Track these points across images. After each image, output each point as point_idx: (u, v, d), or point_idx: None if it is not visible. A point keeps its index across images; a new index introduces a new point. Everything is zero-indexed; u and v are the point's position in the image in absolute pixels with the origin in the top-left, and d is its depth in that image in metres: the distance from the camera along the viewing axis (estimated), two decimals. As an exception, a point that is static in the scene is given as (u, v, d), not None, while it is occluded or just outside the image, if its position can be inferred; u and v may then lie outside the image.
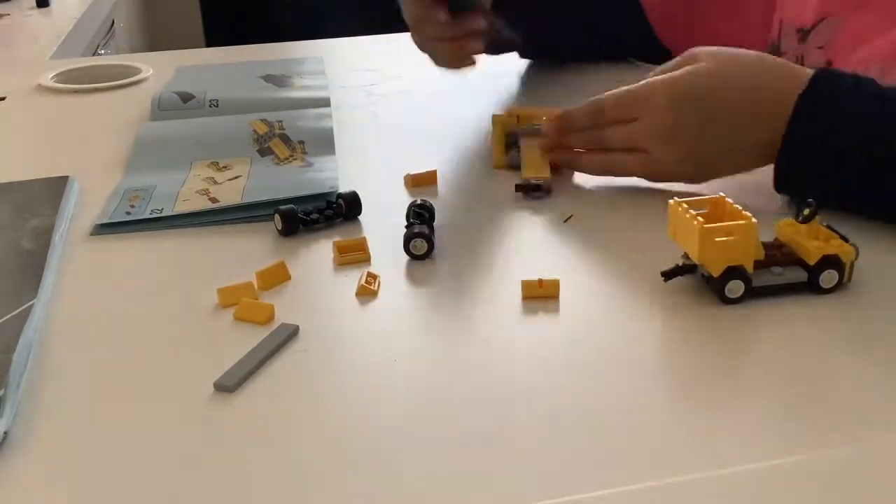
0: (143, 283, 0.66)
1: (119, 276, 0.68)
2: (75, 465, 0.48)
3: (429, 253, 0.67)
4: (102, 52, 1.89)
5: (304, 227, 0.71)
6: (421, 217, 0.69)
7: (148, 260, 0.69)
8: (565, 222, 0.71)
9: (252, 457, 0.48)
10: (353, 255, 0.67)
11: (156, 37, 2.76)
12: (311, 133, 0.89)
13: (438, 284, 0.65)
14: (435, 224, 0.70)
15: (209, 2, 2.85)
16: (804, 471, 0.46)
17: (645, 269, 0.63)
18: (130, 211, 0.75)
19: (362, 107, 1.01)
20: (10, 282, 0.64)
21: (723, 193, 0.62)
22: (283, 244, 0.70)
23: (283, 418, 0.51)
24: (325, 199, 0.74)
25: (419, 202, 0.71)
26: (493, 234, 0.71)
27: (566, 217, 0.72)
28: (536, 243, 0.70)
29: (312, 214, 0.72)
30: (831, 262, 0.59)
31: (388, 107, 1.01)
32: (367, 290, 0.62)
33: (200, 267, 0.68)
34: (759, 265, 0.60)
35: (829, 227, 0.61)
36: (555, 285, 0.61)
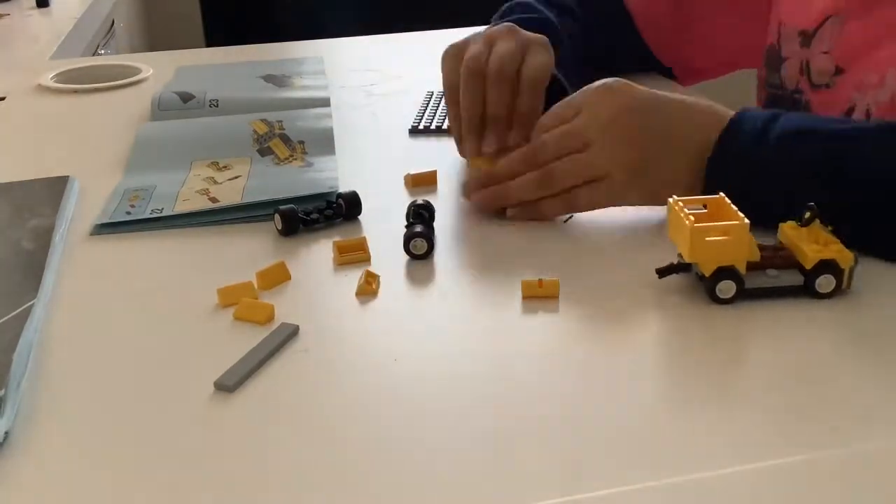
0: (143, 283, 0.66)
1: (119, 276, 0.68)
2: (75, 465, 0.48)
3: (429, 253, 0.67)
4: (102, 52, 1.89)
5: (304, 227, 0.71)
6: (421, 217, 0.69)
7: (148, 260, 0.69)
8: (565, 223, 0.71)
9: (252, 457, 0.48)
10: (353, 255, 0.67)
11: (156, 37, 2.76)
12: (311, 133, 0.89)
13: (438, 284, 0.65)
14: (435, 224, 0.70)
15: (209, 2, 2.85)
16: (803, 471, 0.46)
17: (645, 270, 0.62)
18: (130, 211, 0.75)
19: (362, 107, 1.01)
20: (10, 282, 0.64)
21: (723, 193, 0.62)
22: (283, 244, 0.70)
23: (283, 418, 0.51)
24: (325, 199, 0.74)
25: (419, 202, 0.71)
26: (493, 234, 0.71)
27: (566, 217, 0.72)
28: (536, 243, 0.70)
29: (312, 214, 0.72)
30: (828, 266, 0.58)
31: (388, 107, 1.01)
32: (367, 290, 0.62)
33: (200, 267, 0.68)
34: (754, 267, 0.59)
35: (833, 231, 0.60)
36: (555, 285, 0.61)
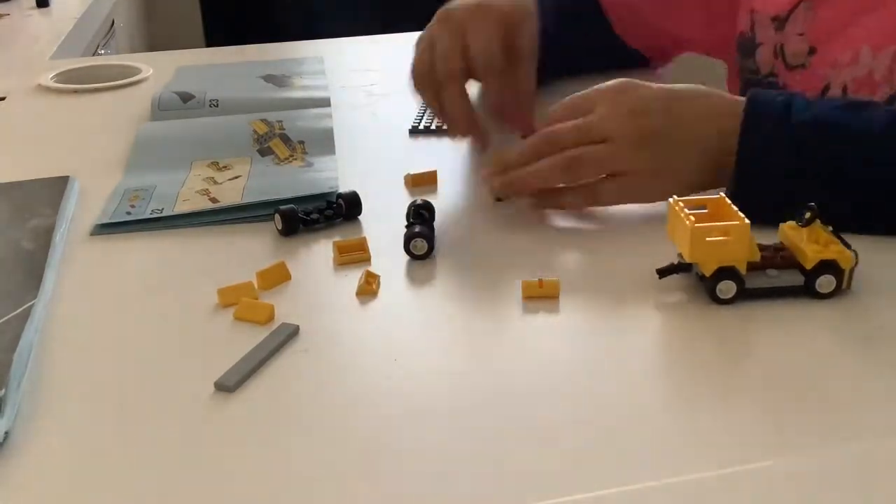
0: (143, 283, 0.66)
1: (119, 276, 0.68)
2: (75, 465, 0.48)
3: (429, 253, 0.67)
4: (102, 52, 1.89)
5: (304, 227, 0.71)
6: (421, 217, 0.69)
7: (148, 260, 0.69)
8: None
9: (252, 457, 0.48)
10: (353, 255, 0.67)
11: (156, 37, 2.76)
12: (311, 133, 0.89)
13: (438, 284, 0.65)
14: (435, 224, 0.70)
15: (209, 2, 2.85)
16: (803, 471, 0.46)
17: (645, 269, 0.63)
18: (130, 211, 0.75)
19: (362, 107, 1.01)
20: (10, 282, 0.64)
21: (723, 193, 0.62)
22: (283, 244, 0.70)
23: (283, 418, 0.51)
24: (325, 199, 0.74)
25: (419, 202, 0.71)
26: (493, 234, 0.71)
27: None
28: (536, 243, 0.70)
29: (312, 214, 0.72)
30: (829, 267, 0.58)
31: (388, 107, 1.01)
32: (367, 290, 0.62)
33: (200, 267, 0.68)
34: (754, 267, 0.59)
35: (833, 231, 0.60)
36: (555, 285, 0.61)
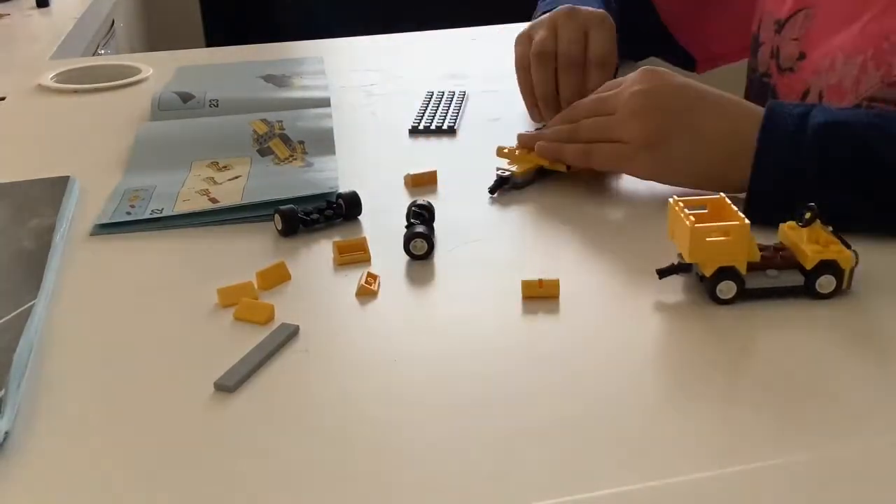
0: (143, 283, 0.66)
1: (119, 276, 0.68)
2: (75, 465, 0.48)
3: (429, 253, 0.67)
4: (102, 52, 1.89)
5: (304, 227, 0.71)
6: (421, 217, 0.69)
7: (148, 260, 0.69)
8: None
9: (252, 457, 0.48)
10: (353, 255, 0.67)
11: (156, 37, 2.76)
12: (311, 133, 0.89)
13: (438, 284, 0.65)
14: (435, 224, 0.70)
15: (209, 2, 2.85)
16: (803, 471, 0.46)
17: (645, 269, 0.63)
18: (130, 211, 0.75)
19: (362, 107, 1.01)
20: (10, 282, 0.64)
21: (723, 194, 0.62)
22: (283, 244, 0.70)
23: (283, 418, 0.51)
24: (325, 199, 0.74)
25: (419, 202, 0.71)
26: (492, 234, 0.71)
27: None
28: (536, 243, 0.70)
29: (312, 214, 0.72)
30: (829, 267, 0.58)
31: (388, 107, 1.01)
32: (367, 290, 0.62)
33: (200, 267, 0.68)
34: (754, 267, 0.59)
35: (833, 231, 0.60)
36: (555, 285, 0.61)
